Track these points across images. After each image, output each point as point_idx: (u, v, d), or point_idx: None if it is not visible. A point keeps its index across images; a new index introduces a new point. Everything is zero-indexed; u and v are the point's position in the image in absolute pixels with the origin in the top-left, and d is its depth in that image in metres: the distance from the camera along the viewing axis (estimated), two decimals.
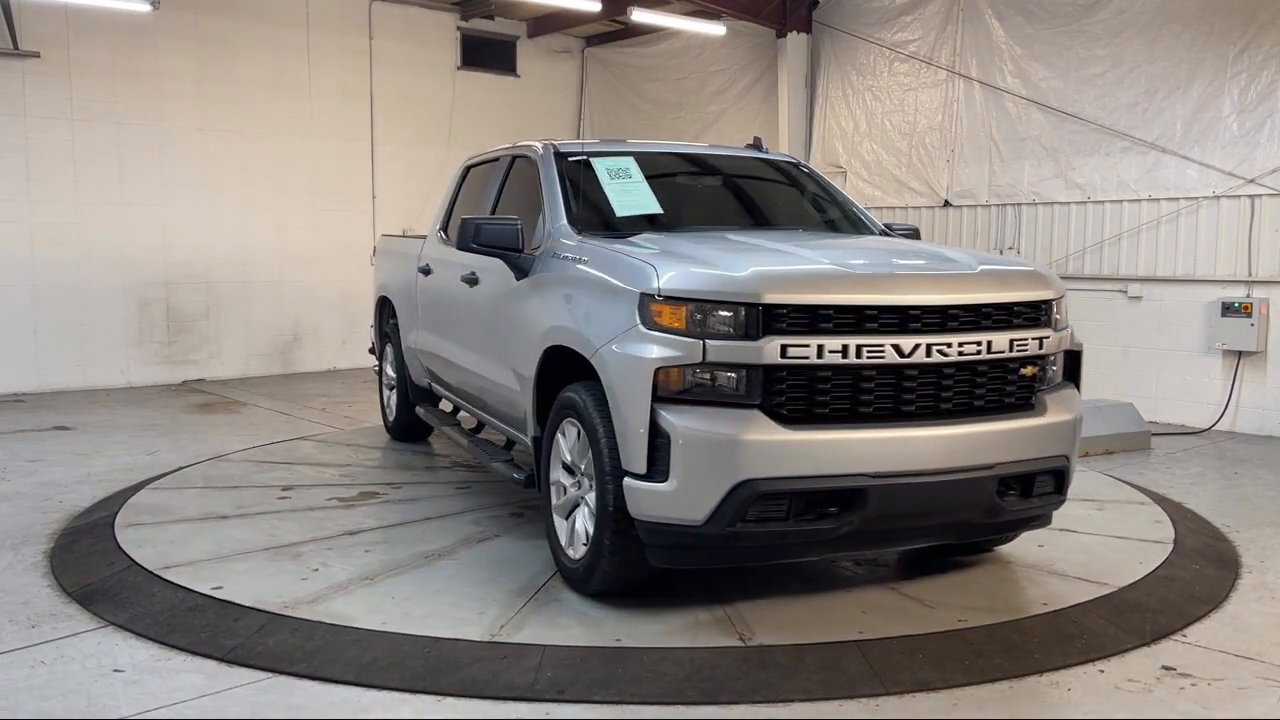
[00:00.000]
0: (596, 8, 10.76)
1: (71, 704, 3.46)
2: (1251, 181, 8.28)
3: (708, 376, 3.81)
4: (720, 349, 3.78)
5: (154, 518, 5.42)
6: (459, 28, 12.81)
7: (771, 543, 3.95)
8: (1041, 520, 4.57)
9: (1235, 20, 8.33)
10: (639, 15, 10.85)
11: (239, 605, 4.20)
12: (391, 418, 7.74)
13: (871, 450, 3.87)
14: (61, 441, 7.82)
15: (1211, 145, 8.49)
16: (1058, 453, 4.25)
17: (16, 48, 9.80)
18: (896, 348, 3.89)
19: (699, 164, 6.07)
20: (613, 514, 4.04)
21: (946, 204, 10.27)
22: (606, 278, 4.26)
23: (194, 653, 3.85)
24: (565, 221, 4.95)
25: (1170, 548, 5.14)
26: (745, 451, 3.74)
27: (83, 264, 10.38)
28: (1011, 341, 4.12)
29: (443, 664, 3.73)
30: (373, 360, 8.39)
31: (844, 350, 3.83)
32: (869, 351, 3.86)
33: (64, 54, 10.11)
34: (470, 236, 4.95)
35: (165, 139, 10.77)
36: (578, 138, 13.19)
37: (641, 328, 3.91)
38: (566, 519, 4.51)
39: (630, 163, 5.43)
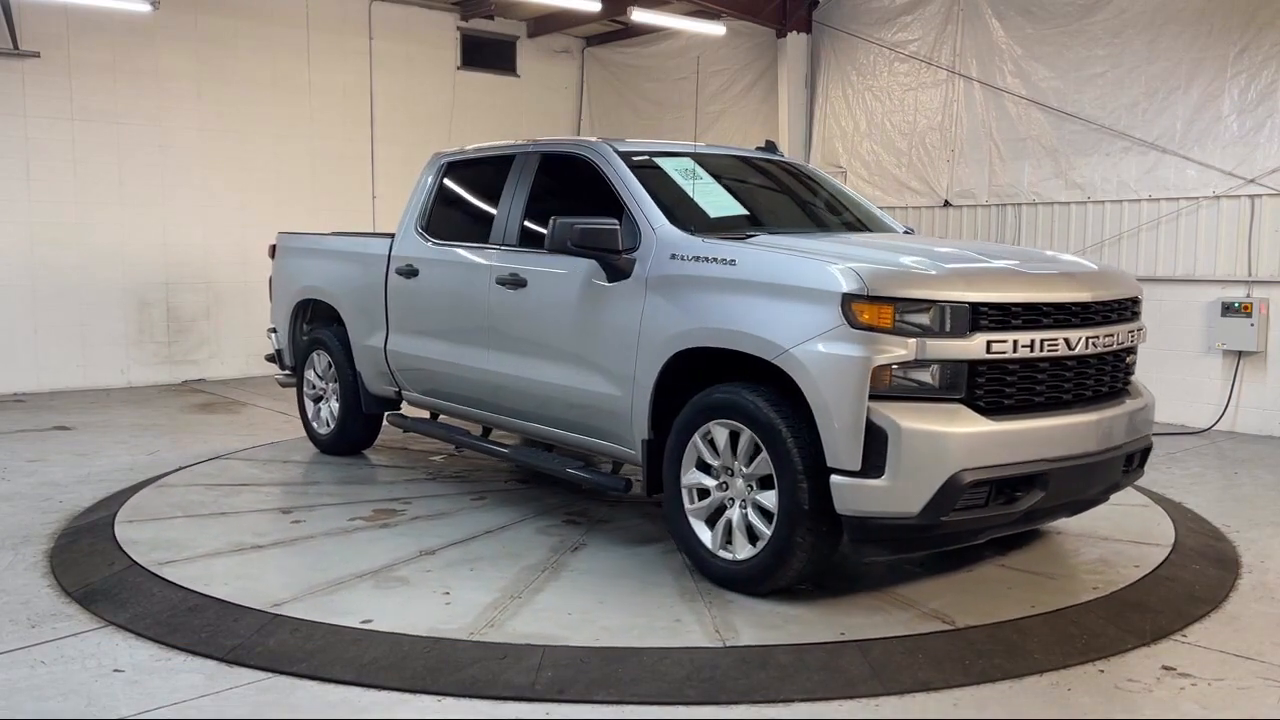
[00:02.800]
0: (596, 8, 10.76)
1: (71, 704, 3.46)
2: (1251, 181, 8.28)
3: (918, 373, 3.98)
4: (935, 346, 3.97)
5: (180, 553, 4.87)
6: (459, 28, 12.81)
7: (968, 529, 4.20)
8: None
9: (1235, 20, 8.33)
10: (639, 15, 10.85)
11: (411, 636, 3.90)
12: (326, 430, 7.15)
13: (1051, 436, 4.20)
14: (61, 441, 7.82)
15: (1211, 145, 8.49)
16: (1149, 432, 4.80)
17: (16, 48, 9.81)
18: (1066, 341, 4.27)
19: (740, 166, 6.02)
20: (808, 512, 4.09)
21: (946, 204, 10.27)
22: (786, 278, 4.25)
23: (194, 653, 3.85)
24: (667, 222, 4.86)
25: (1170, 548, 5.14)
26: (960, 444, 3.94)
27: (83, 264, 10.38)
28: (1129, 333, 4.64)
29: (443, 664, 3.73)
30: (273, 368, 7.72)
31: (1031, 344, 4.16)
32: (1048, 345, 4.21)
33: (64, 54, 10.12)
34: (568, 238, 4.82)
35: (165, 139, 10.77)
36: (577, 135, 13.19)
37: (848, 327, 3.97)
38: (709, 521, 4.52)
39: (691, 163, 5.47)
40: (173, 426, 8.47)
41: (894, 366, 3.94)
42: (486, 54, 13.10)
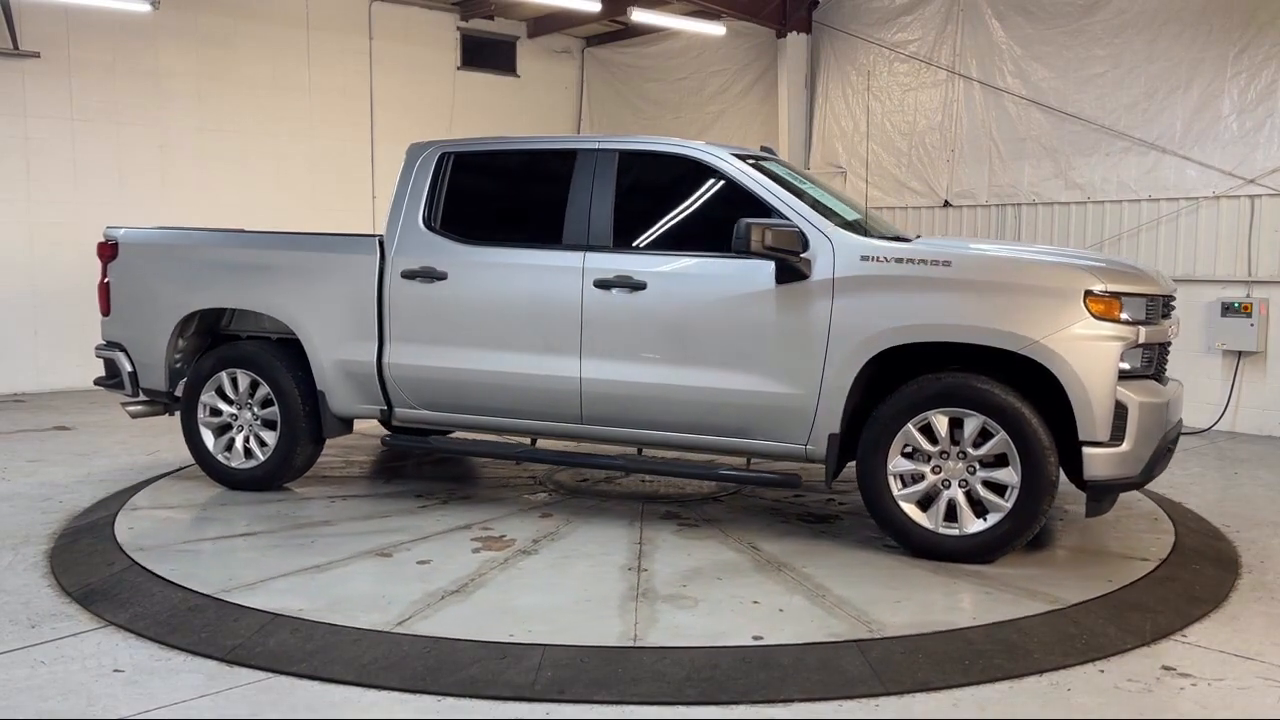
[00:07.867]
0: (596, 8, 10.77)
1: (71, 704, 3.47)
2: (1251, 181, 8.29)
3: (1135, 355, 4.70)
4: (1148, 332, 4.72)
5: (386, 608, 4.17)
6: (459, 28, 12.82)
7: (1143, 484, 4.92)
8: None
9: (1235, 20, 8.33)
10: (639, 15, 10.85)
11: (805, 645, 3.86)
12: (249, 463, 6.13)
13: (1179, 404, 5.10)
14: (61, 441, 7.83)
15: (1211, 145, 8.50)
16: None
17: (16, 48, 9.81)
18: (1179, 325, 5.25)
19: (802, 173, 6.16)
20: (1053, 484, 4.66)
21: (946, 204, 10.27)
22: (1022, 278, 4.77)
23: (194, 653, 3.85)
24: (837, 226, 5.08)
25: (1170, 548, 5.14)
26: (1166, 412, 4.76)
27: (83, 264, 10.31)
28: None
29: (443, 664, 3.73)
30: (102, 388, 6.90)
31: (1174, 328, 5.07)
32: (1175, 328, 5.12)
33: (64, 54, 10.12)
34: (759, 240, 4.82)
35: (165, 139, 10.77)
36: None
37: (1091, 319, 4.60)
38: (923, 504, 4.86)
39: (786, 168, 5.78)
40: (173, 426, 8.43)
41: (1126, 350, 4.62)
42: (486, 54, 13.10)
